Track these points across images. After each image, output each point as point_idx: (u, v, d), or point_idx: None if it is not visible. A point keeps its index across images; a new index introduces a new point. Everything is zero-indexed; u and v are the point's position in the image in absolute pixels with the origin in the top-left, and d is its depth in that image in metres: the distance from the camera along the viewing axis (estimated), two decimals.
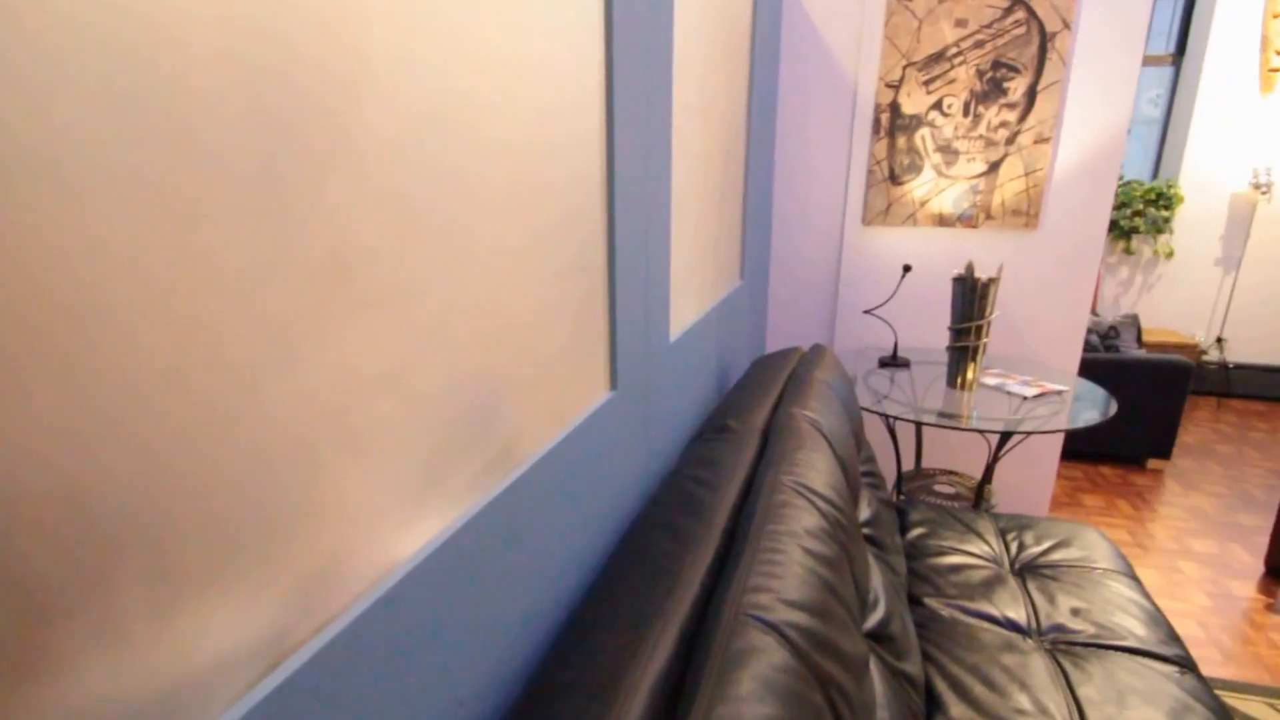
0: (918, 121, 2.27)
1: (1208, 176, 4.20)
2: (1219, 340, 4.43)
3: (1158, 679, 1.24)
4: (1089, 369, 3.19)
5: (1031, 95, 2.18)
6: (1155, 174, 4.42)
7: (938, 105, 2.25)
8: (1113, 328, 3.29)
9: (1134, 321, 3.44)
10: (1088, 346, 3.25)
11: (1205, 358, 4.44)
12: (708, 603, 0.85)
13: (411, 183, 0.53)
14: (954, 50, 2.19)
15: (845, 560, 1.02)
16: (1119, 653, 1.32)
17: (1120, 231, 4.29)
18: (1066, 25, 2.12)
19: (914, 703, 1.12)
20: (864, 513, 1.51)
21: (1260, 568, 2.53)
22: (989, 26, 2.15)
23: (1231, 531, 2.79)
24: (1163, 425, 3.26)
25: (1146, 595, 1.51)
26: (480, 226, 0.63)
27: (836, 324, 2.57)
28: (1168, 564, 2.54)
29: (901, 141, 2.30)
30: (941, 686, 1.22)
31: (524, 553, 0.75)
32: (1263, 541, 2.71)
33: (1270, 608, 2.30)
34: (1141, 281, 4.42)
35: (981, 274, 1.95)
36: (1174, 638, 1.37)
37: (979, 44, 2.17)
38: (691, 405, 1.45)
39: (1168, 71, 4.28)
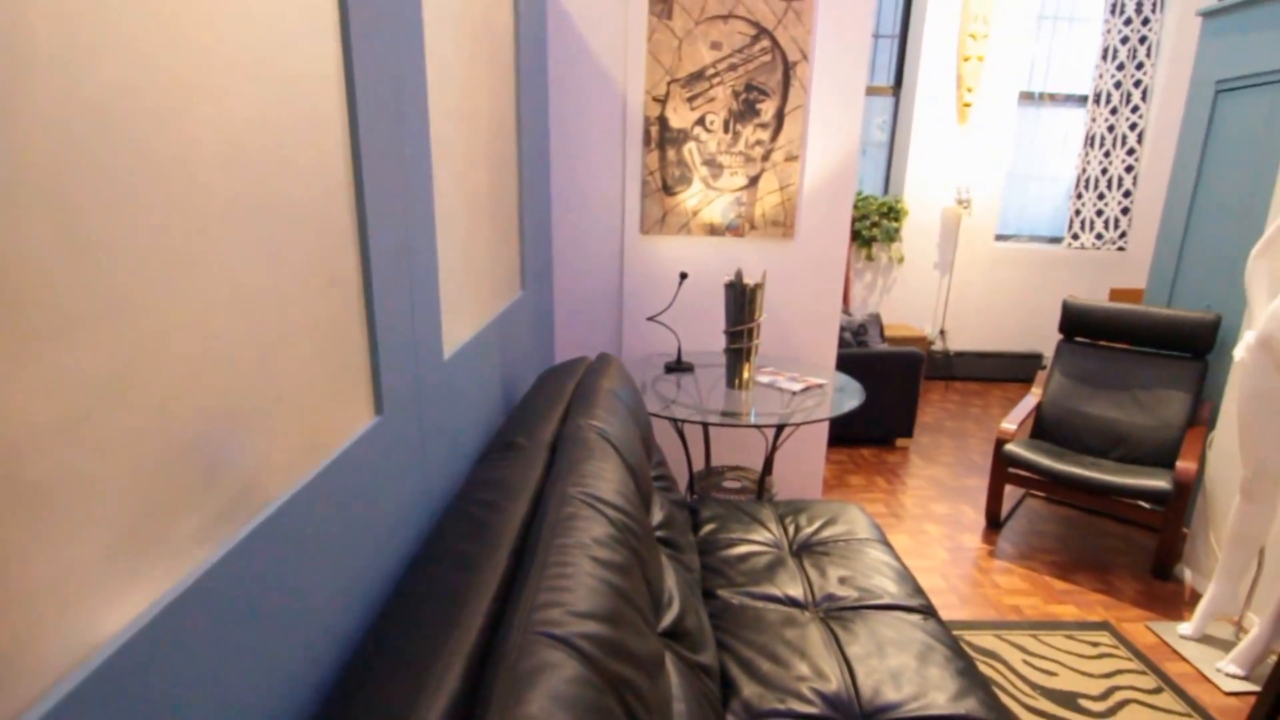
0: (684, 135, 2.41)
1: (924, 192, 4.92)
2: (942, 332, 5.20)
3: (908, 628, 1.41)
4: (844, 363, 3.58)
5: (780, 117, 2.41)
6: (886, 190, 5.11)
7: (701, 121, 2.40)
8: (862, 325, 3.73)
9: (877, 319, 3.93)
10: (842, 343, 3.66)
11: (933, 347, 5.19)
12: (496, 628, 0.81)
13: (95, 184, 0.44)
14: (712, 71, 2.35)
15: (637, 565, 1.03)
16: (878, 610, 1.48)
17: (863, 240, 4.89)
18: (805, 56, 2.36)
19: (710, 691, 1.16)
20: (657, 516, 1.55)
21: (982, 521, 2.99)
22: (740, 51, 2.34)
23: (961, 494, 3.28)
24: (905, 408, 3.75)
25: (897, 557, 1.71)
26: (194, 237, 0.54)
27: (623, 332, 2.64)
28: (916, 527, 2.92)
29: (671, 154, 2.43)
30: (735, 670, 1.28)
31: (279, 606, 0.66)
32: (983, 499, 3.20)
33: (992, 554, 2.72)
34: (882, 284, 5.07)
35: (749, 280, 2.11)
36: (919, 591, 1.57)
37: (733, 67, 2.35)
38: (475, 424, 1.40)
39: (890, 101, 4.97)
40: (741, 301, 2.08)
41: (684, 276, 2.32)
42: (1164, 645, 2.19)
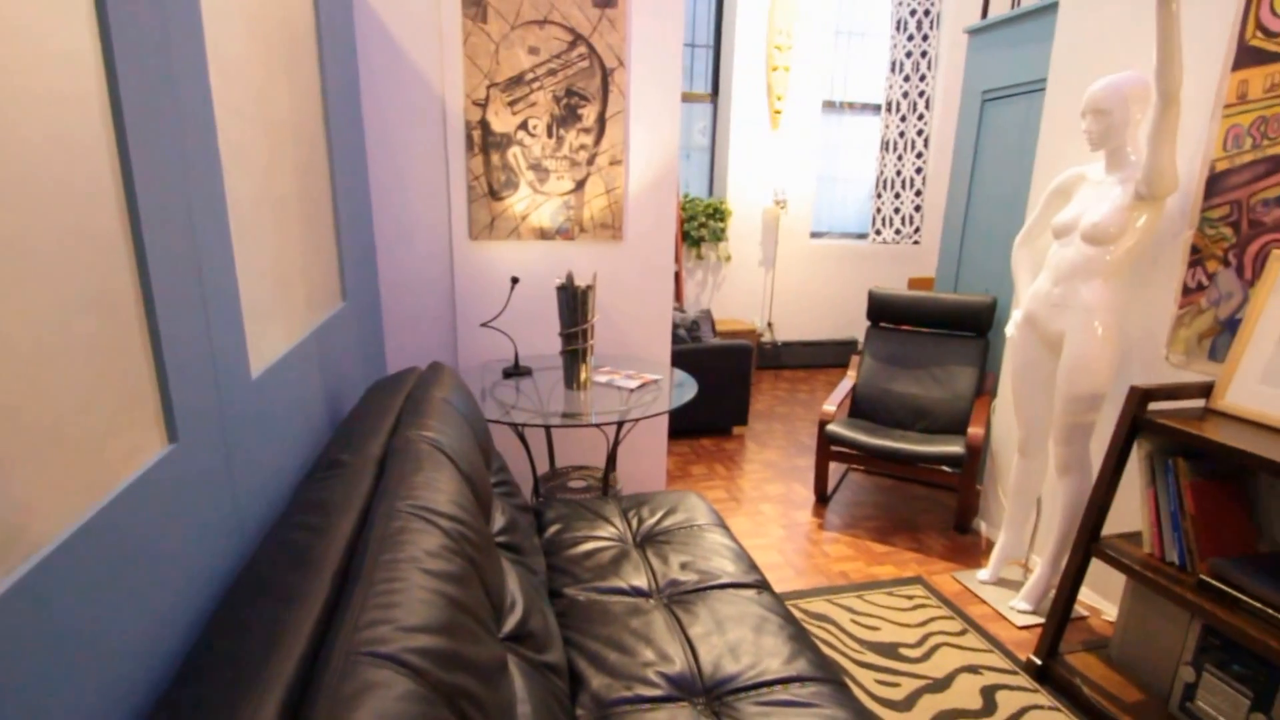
0: (508, 140, 2.40)
1: (745, 194, 5.23)
2: (770, 324, 5.55)
3: (744, 603, 1.49)
4: (679, 358, 3.72)
5: (602, 122, 2.46)
6: (711, 192, 5.37)
7: (524, 126, 2.40)
8: (694, 321, 3.90)
9: (709, 315, 4.12)
10: (677, 339, 3.80)
11: (763, 339, 5.53)
12: (319, 656, 0.76)
13: None
14: (531, 75, 2.36)
15: (474, 573, 1.01)
16: (717, 590, 1.56)
17: (692, 240, 5.11)
18: (621, 63, 2.43)
19: (557, 689, 1.16)
20: (499, 522, 1.53)
21: (812, 497, 3.23)
22: (558, 57, 2.37)
23: (793, 474, 3.52)
24: (739, 398, 3.96)
25: (734, 539, 1.80)
26: None
27: (459, 340, 2.57)
28: (754, 509, 3.09)
29: (496, 158, 2.41)
30: (583, 665, 1.29)
31: (53, 672, 0.58)
32: (812, 477, 3.46)
33: (821, 526, 2.95)
34: (713, 281, 5.32)
35: (580, 282, 2.13)
36: (754, 567, 1.67)
37: (552, 72, 2.37)
38: (295, 445, 1.31)
39: (709, 107, 5.22)
40: (574, 304, 2.10)
41: (515, 281, 2.31)
42: (967, 591, 2.48)
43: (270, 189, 1.25)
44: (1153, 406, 1.77)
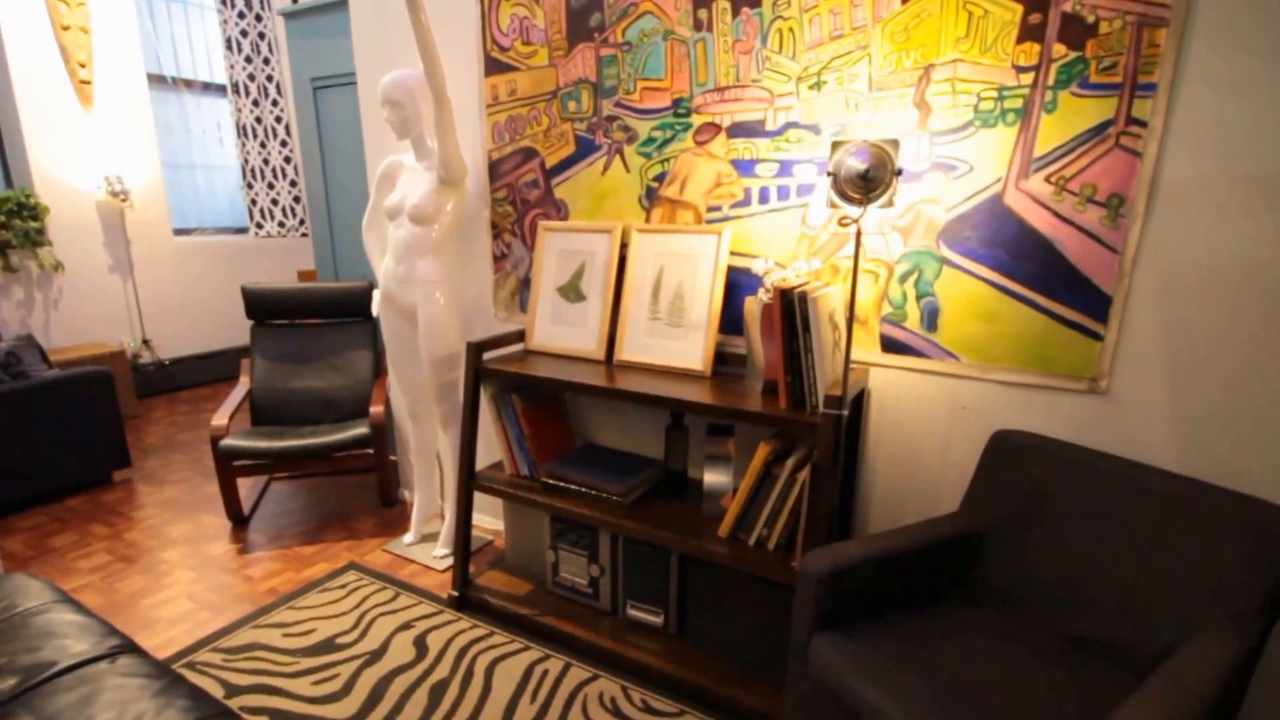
0: None
1: (65, 186, 4.19)
2: (146, 342, 4.68)
3: (97, 678, 1.24)
4: None
5: None
6: (9, 183, 4.13)
7: None
8: (10, 354, 2.99)
9: (32, 342, 3.21)
10: None
11: (141, 360, 4.64)
12: None
13: None
14: None
15: None
16: (54, 680, 1.25)
17: None
18: None
19: None
20: None
21: (228, 524, 2.90)
22: None
23: (203, 505, 3.09)
24: (111, 436, 3.25)
25: (82, 610, 1.47)
26: None
27: None
28: (153, 561, 2.61)
29: None
30: None
31: None
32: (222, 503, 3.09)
33: (242, 550, 2.68)
34: (43, 299, 4.17)
35: None
36: (111, 633, 1.39)
37: None
38: None
39: None
40: None
41: None
42: (398, 559, 2.59)
43: None
44: (488, 355, 2.10)
